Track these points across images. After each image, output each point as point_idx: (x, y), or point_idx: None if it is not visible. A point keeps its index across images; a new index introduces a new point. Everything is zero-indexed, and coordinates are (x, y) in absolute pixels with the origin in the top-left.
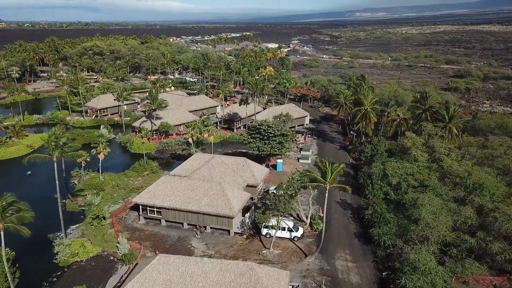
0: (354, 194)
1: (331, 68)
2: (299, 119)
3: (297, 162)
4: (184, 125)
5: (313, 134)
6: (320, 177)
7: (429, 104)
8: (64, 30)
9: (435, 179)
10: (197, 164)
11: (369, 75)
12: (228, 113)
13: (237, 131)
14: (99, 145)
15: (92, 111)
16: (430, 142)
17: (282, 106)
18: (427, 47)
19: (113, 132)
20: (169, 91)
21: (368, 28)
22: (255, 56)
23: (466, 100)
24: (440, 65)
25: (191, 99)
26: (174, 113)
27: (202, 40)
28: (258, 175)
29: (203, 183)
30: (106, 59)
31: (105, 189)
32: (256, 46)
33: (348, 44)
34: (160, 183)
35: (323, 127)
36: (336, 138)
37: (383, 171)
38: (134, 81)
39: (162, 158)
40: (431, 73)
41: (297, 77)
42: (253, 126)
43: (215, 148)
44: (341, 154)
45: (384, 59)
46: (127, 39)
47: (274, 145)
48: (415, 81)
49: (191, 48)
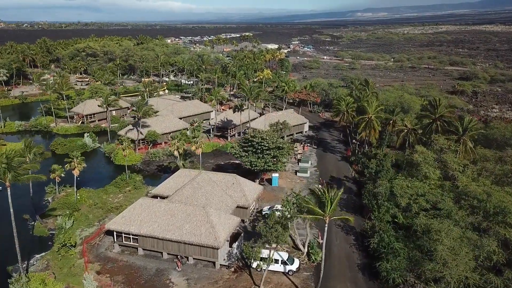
0: (357, 215)
1: (332, 70)
2: (298, 126)
3: (294, 176)
4: (174, 133)
5: (312, 142)
6: (318, 206)
7: (439, 113)
8: (62, 30)
9: (450, 201)
10: (181, 181)
11: (372, 77)
12: (221, 120)
13: (231, 139)
14: (73, 160)
15: (78, 117)
16: (442, 157)
17: (279, 113)
18: (430, 48)
19: (99, 140)
20: (163, 94)
21: (369, 28)
22: (253, 57)
23: (473, 104)
24: (444, 67)
25: (183, 105)
26: (163, 120)
27: (201, 41)
28: (250, 194)
29: (185, 207)
30: (100, 60)
31: (81, 209)
32: (255, 47)
33: (349, 44)
34: (137, 206)
35: (323, 134)
36: (337, 148)
37: (390, 190)
38: (128, 83)
39: (148, 170)
40: (435, 75)
41: (297, 79)
42: (245, 138)
43: (206, 159)
44: (343, 166)
45: (386, 60)
46: (122, 40)
47: (269, 160)
48: (420, 84)
49: (189, 49)
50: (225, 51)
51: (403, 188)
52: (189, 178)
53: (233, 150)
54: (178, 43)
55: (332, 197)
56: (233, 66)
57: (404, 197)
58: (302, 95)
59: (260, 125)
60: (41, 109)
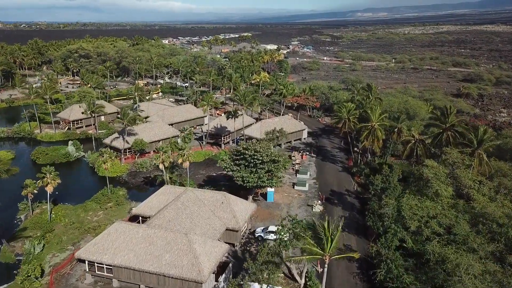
0: (360, 237)
1: (332, 71)
2: (296, 133)
3: (292, 190)
4: (164, 141)
5: (311, 150)
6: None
7: (450, 123)
8: (60, 30)
9: (465, 224)
10: (165, 200)
11: (373, 79)
12: (214, 126)
13: (225, 147)
14: (46, 176)
15: (64, 123)
16: (455, 173)
17: (276, 119)
18: (432, 48)
19: (83, 149)
20: (156, 97)
21: (370, 29)
22: (251, 58)
23: (480, 108)
24: (447, 68)
25: (174, 110)
26: (152, 127)
27: (199, 41)
28: (241, 215)
29: (166, 234)
30: (93, 62)
31: (54, 229)
32: (254, 47)
33: (349, 45)
34: (112, 232)
35: (323, 141)
36: (337, 157)
37: (398, 210)
38: (121, 86)
39: (133, 183)
40: (438, 77)
41: (296, 81)
42: (237, 150)
43: (197, 169)
44: (344, 177)
45: (387, 61)
46: (117, 40)
47: (263, 175)
48: (423, 86)
49: (186, 50)
50: (223, 52)
51: (412, 209)
52: (174, 195)
53: (224, 163)
54: (175, 44)
55: (333, 233)
56: (230, 68)
57: (414, 219)
58: (301, 100)
59: (256, 132)
60: (25, 115)
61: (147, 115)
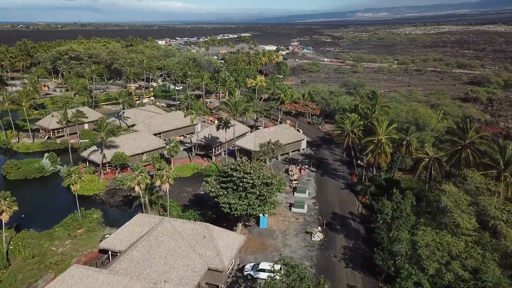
0: (367, 274)
1: (333, 73)
2: (294, 143)
3: (288, 212)
4: (150, 153)
5: (310, 164)
6: None
7: (470, 139)
8: (57, 31)
9: (494, 266)
10: (138, 232)
11: (375, 81)
12: (205, 136)
13: (216, 159)
14: (1, 202)
15: (44, 131)
16: (479, 200)
17: (272, 129)
18: (434, 49)
19: (62, 162)
20: (148, 102)
21: (370, 29)
22: (248, 60)
23: (490, 114)
24: (451, 70)
25: (162, 118)
26: (135, 139)
27: (197, 42)
28: (227, 252)
29: (130, 283)
30: (84, 64)
31: (12, 264)
32: (252, 48)
33: (350, 45)
34: (67, 279)
35: (324, 153)
36: (339, 171)
37: (412, 245)
38: (112, 89)
39: (111, 203)
40: (443, 79)
41: (295, 84)
42: (224, 171)
43: (183, 186)
44: (347, 197)
45: (390, 63)
46: (110, 41)
47: (253, 201)
48: (428, 89)
49: (181, 51)
50: (221, 53)
51: (429, 246)
52: (149, 226)
53: (208, 186)
54: (171, 45)
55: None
56: (227, 69)
57: (432, 259)
58: (299, 107)
59: (249, 143)
60: (0, 123)
61: (133, 123)
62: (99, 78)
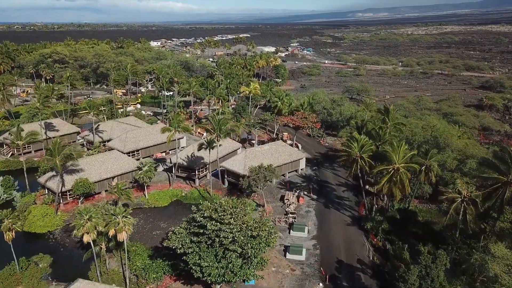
0: None
1: (335, 76)
2: (291, 163)
3: (282, 260)
4: (121, 176)
5: (310, 190)
6: None
7: None
8: (53, 32)
9: None
10: None
11: (379, 85)
12: (187, 156)
13: (200, 183)
14: None
15: (8, 147)
16: None
17: (265, 147)
18: (438, 50)
19: (18, 187)
20: (133, 110)
21: (371, 29)
22: (244, 63)
23: (509, 123)
24: (459, 73)
25: (141, 132)
26: (104, 160)
27: (193, 43)
28: None
29: None
30: (69, 67)
31: None
32: (250, 50)
33: (351, 46)
34: None
35: (326, 174)
36: (344, 199)
37: None
38: (97, 95)
39: (66, 244)
40: (452, 83)
41: (294, 89)
42: (193, 218)
43: (157, 220)
44: (355, 235)
45: (394, 65)
46: (98, 43)
47: (234, 260)
48: (436, 94)
49: (175, 53)
50: (217, 55)
51: None
52: None
53: (174, 240)
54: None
55: None
56: (221, 74)
57: None
58: (297, 120)
59: (238, 165)
60: None
61: (109, 138)
62: (84, 83)
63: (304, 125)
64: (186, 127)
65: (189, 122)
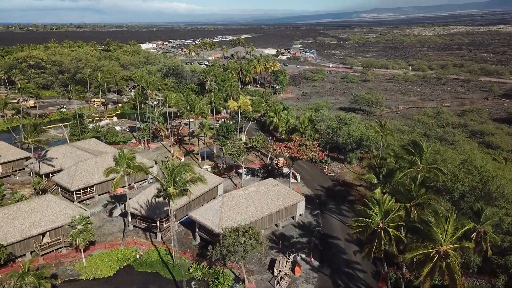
0: None
1: (340, 82)
2: (286, 210)
3: None
4: (52, 232)
5: (311, 251)
6: None
7: None
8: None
9: None
10: None
11: (390, 92)
12: (145, 202)
13: (163, 237)
14: None
15: None
16: None
17: (251, 190)
18: (449, 52)
19: None
20: (107, 123)
21: (377, 30)
22: (240, 68)
23: None
24: (477, 78)
25: (97, 162)
26: (31, 210)
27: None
28: None
29: None
30: (46, 73)
31: None
32: (249, 53)
33: (357, 48)
34: None
35: (331, 222)
36: (357, 267)
37: None
38: (73, 104)
39: None
40: (470, 90)
41: (295, 97)
42: None
43: None
44: None
45: (403, 69)
46: (82, 46)
47: None
48: (456, 104)
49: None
50: (215, 58)
51: None
52: None
53: None
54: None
55: None
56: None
57: None
58: (294, 150)
59: (212, 218)
60: None
61: (60, 167)
62: (63, 90)
63: (303, 156)
64: (140, 166)
65: (168, 140)
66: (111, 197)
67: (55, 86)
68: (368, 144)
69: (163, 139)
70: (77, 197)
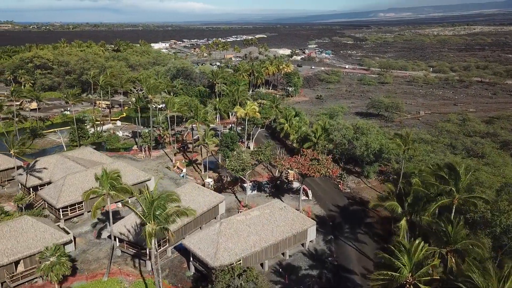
0: None
1: (356, 85)
2: (294, 237)
3: None
4: (30, 259)
5: None
6: None
7: None
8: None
9: None
10: None
11: (410, 96)
12: (133, 226)
13: (152, 266)
14: None
15: None
16: None
17: (253, 214)
18: (471, 53)
19: None
20: (111, 127)
21: (395, 29)
22: (251, 70)
23: None
24: (503, 81)
25: (87, 176)
26: (3, 234)
27: (205, 44)
28: None
29: None
30: (53, 74)
31: None
32: (262, 53)
33: (374, 48)
34: None
35: (346, 251)
36: None
37: None
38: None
39: None
40: (497, 94)
41: (309, 101)
42: None
43: None
44: None
45: (423, 70)
46: (91, 46)
47: None
48: (481, 110)
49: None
50: (228, 58)
51: None
52: None
53: None
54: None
55: None
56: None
57: None
58: (306, 166)
59: (207, 247)
60: None
61: (50, 179)
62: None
63: (314, 174)
64: (125, 188)
65: (171, 148)
66: (103, 214)
67: (62, 87)
68: (387, 156)
69: (167, 146)
70: (63, 214)
